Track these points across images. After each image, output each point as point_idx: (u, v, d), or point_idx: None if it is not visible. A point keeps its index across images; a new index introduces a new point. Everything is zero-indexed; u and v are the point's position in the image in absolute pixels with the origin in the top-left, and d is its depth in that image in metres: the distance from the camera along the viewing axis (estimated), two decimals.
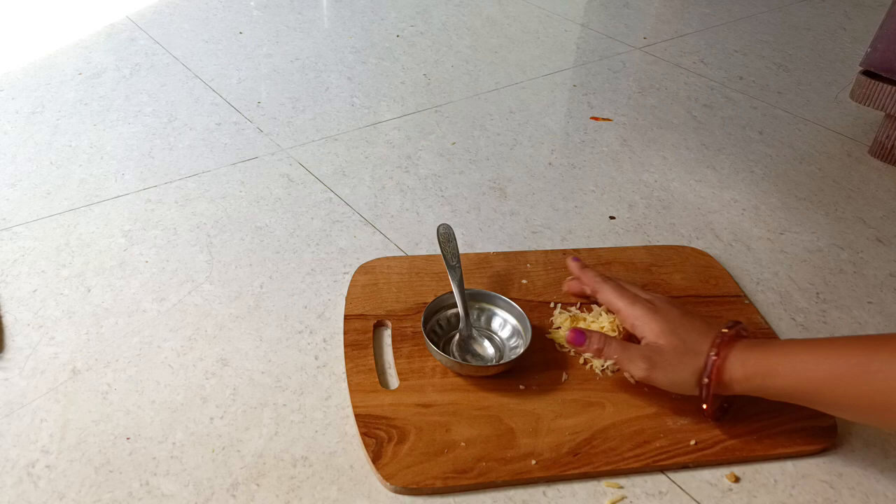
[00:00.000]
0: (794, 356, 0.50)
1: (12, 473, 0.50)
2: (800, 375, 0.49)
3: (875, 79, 0.92)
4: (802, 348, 0.50)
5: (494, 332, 0.63)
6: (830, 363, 0.48)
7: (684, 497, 0.52)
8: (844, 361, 0.48)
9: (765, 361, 0.51)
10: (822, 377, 0.49)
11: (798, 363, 0.49)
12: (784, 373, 0.50)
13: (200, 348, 0.61)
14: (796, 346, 0.51)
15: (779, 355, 0.50)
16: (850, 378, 0.47)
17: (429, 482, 0.50)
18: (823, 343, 0.51)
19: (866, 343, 0.48)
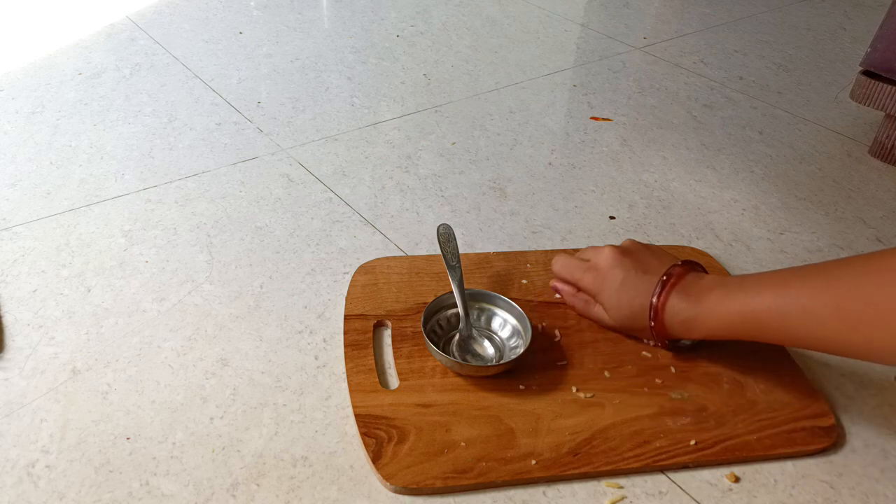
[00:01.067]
0: (740, 299, 0.53)
1: (12, 473, 0.50)
2: (752, 317, 0.53)
3: (875, 79, 0.92)
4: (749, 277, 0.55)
5: (494, 332, 0.63)
6: (781, 298, 0.51)
7: (684, 497, 0.52)
8: (796, 298, 0.50)
9: (705, 306, 0.55)
10: (774, 314, 0.51)
11: (746, 307, 0.53)
12: (727, 317, 0.54)
13: (200, 348, 0.61)
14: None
15: (718, 301, 0.55)
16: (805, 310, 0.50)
17: (429, 482, 0.50)
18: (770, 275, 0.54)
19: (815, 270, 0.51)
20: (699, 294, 0.55)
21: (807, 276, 0.51)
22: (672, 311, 0.56)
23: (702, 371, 0.60)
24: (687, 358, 0.62)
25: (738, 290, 0.53)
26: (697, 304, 0.55)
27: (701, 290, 0.55)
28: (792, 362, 0.62)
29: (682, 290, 0.56)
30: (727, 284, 0.55)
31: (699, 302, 0.55)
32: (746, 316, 0.52)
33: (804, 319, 0.49)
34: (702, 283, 0.56)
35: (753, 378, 0.60)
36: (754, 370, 0.61)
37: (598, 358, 0.61)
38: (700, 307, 0.55)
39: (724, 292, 0.54)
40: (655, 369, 0.60)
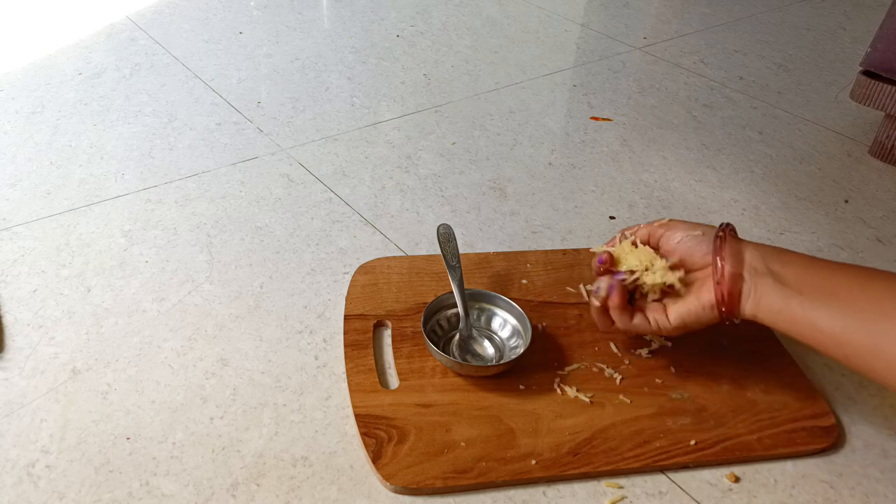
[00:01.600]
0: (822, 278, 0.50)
1: (12, 473, 0.50)
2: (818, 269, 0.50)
3: (875, 79, 0.92)
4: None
5: (494, 332, 0.63)
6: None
7: (684, 497, 0.52)
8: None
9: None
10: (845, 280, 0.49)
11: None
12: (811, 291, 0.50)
13: (200, 348, 0.61)
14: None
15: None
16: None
17: (429, 482, 0.50)
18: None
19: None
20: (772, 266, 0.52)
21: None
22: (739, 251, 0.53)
23: (702, 371, 0.60)
24: (687, 358, 0.62)
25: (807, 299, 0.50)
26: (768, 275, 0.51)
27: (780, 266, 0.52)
28: (792, 362, 0.62)
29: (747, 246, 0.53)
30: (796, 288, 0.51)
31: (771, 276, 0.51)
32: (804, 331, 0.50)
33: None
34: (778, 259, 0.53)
35: (753, 378, 0.60)
36: (754, 370, 0.61)
37: (597, 358, 0.61)
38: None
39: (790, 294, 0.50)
40: (655, 369, 0.60)
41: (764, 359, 0.62)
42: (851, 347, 0.47)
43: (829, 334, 0.48)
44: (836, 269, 0.51)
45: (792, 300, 0.49)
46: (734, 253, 0.52)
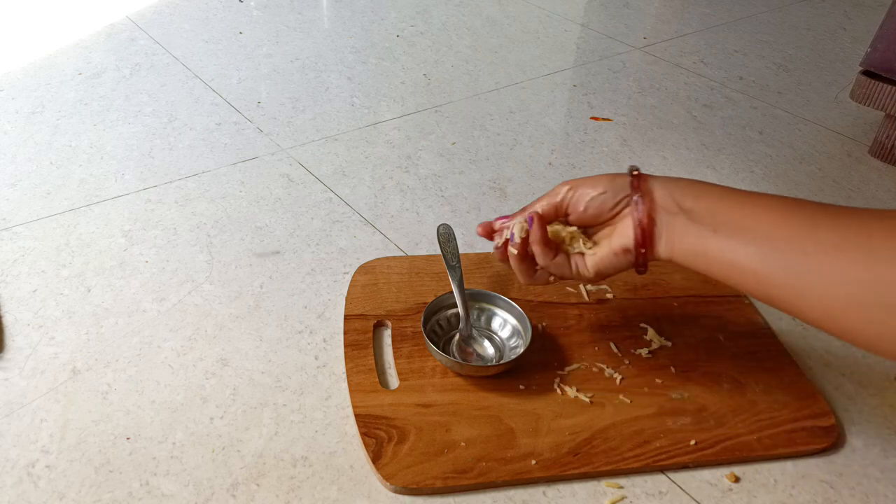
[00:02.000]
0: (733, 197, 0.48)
1: (12, 473, 0.50)
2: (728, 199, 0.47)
3: (875, 79, 0.92)
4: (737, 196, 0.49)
5: (494, 332, 0.63)
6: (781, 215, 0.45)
7: (684, 497, 0.52)
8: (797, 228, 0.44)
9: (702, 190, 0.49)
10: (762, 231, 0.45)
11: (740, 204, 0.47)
12: (724, 202, 0.47)
13: (200, 348, 0.61)
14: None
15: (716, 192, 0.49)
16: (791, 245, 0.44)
17: (429, 482, 0.50)
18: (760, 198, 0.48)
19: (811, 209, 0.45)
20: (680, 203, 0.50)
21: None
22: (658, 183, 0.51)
23: (702, 371, 0.60)
24: (687, 358, 0.62)
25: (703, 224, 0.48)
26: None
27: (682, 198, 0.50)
28: (792, 362, 0.62)
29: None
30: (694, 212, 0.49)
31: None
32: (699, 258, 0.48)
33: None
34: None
35: (753, 378, 0.60)
36: (754, 370, 0.61)
37: (598, 358, 0.61)
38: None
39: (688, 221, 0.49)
40: (655, 369, 0.60)
41: (764, 359, 0.62)
42: (773, 287, 0.44)
43: (748, 273, 0.45)
44: (753, 201, 0.47)
45: (708, 239, 0.47)
46: (646, 192, 0.50)
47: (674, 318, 0.66)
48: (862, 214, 0.43)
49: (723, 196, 0.48)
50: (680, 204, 0.49)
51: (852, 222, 0.42)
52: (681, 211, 0.49)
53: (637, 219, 0.50)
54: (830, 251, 0.42)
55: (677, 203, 0.49)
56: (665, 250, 0.50)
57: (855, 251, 0.41)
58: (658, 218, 0.49)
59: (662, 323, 0.65)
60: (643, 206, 0.50)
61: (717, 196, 0.48)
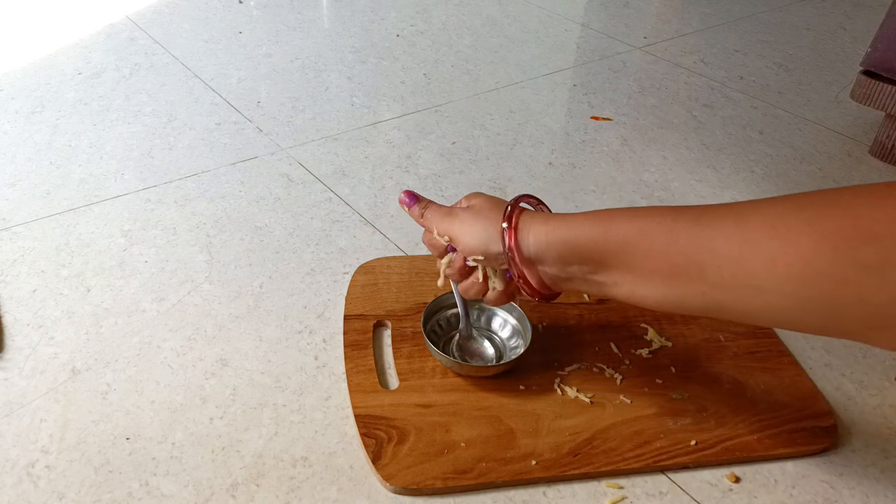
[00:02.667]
0: (597, 215, 0.48)
1: (12, 473, 0.50)
2: (603, 226, 0.46)
3: (875, 79, 0.91)
4: (604, 212, 0.48)
5: (494, 332, 0.63)
6: (637, 219, 0.45)
7: (685, 497, 0.52)
8: (651, 219, 0.45)
9: (563, 218, 0.49)
10: (626, 231, 0.45)
11: (601, 217, 0.47)
12: (586, 224, 0.47)
13: (200, 348, 0.61)
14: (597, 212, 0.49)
15: (577, 215, 0.49)
16: (656, 234, 0.43)
17: (429, 483, 0.50)
18: (626, 209, 0.48)
19: (674, 208, 0.45)
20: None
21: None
22: (531, 220, 0.50)
23: (702, 371, 0.60)
24: (687, 358, 0.61)
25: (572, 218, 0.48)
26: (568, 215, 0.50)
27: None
28: (792, 362, 0.62)
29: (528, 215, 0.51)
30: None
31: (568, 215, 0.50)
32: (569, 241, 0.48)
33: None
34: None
35: (754, 378, 0.60)
36: (754, 370, 0.61)
37: (598, 358, 0.61)
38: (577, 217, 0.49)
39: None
40: (656, 369, 0.60)
41: (764, 359, 0.62)
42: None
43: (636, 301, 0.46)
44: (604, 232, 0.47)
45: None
46: (515, 250, 0.49)
47: (674, 319, 0.66)
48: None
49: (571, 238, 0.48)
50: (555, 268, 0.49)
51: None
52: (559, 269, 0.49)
53: (516, 275, 0.50)
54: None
55: (553, 262, 0.49)
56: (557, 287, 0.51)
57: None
58: (535, 272, 0.50)
59: (663, 323, 0.65)
60: (515, 268, 0.50)
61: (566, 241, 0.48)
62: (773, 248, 0.38)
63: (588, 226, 0.47)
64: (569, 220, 0.48)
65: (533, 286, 0.50)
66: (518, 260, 0.49)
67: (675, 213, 0.44)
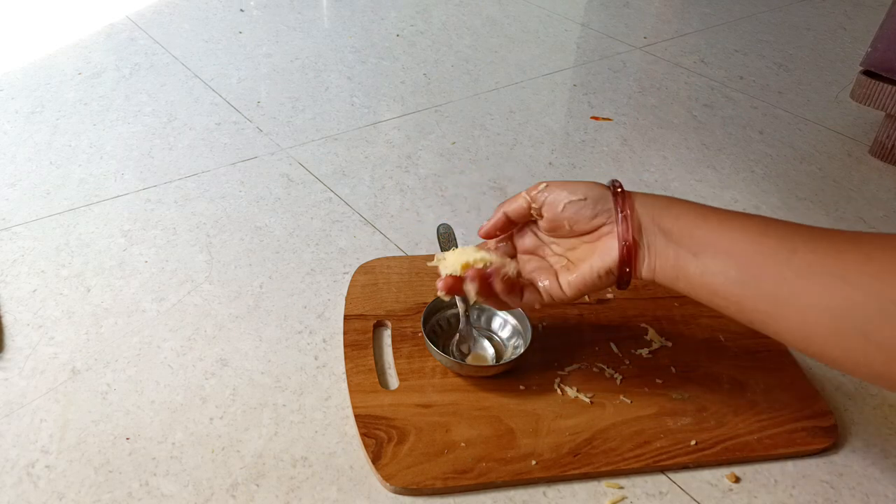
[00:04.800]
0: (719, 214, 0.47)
1: (12, 473, 0.50)
2: (700, 214, 0.46)
3: (875, 79, 0.91)
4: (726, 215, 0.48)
5: (494, 332, 0.63)
6: (760, 237, 0.44)
7: (685, 497, 0.52)
8: (744, 215, 0.45)
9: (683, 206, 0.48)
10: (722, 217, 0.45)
11: (726, 218, 0.46)
12: (681, 204, 0.47)
13: (200, 348, 0.61)
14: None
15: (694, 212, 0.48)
16: (748, 221, 0.44)
17: (429, 482, 0.50)
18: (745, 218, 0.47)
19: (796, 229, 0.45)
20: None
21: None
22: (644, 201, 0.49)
23: (702, 371, 0.60)
24: (687, 358, 0.61)
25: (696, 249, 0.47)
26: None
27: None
28: (793, 362, 0.62)
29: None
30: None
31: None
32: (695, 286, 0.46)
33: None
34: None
35: (754, 378, 0.60)
36: (754, 370, 0.61)
37: (598, 358, 0.61)
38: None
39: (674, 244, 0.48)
40: (656, 369, 0.60)
41: (764, 359, 0.62)
42: (752, 312, 0.44)
43: (727, 298, 0.45)
44: (730, 222, 0.46)
45: (687, 263, 0.46)
46: (630, 210, 0.49)
47: (674, 319, 0.66)
48: (838, 238, 0.42)
49: (700, 216, 0.47)
50: (659, 224, 0.48)
51: (829, 247, 0.42)
52: (660, 231, 0.48)
53: (622, 238, 0.49)
54: (805, 276, 0.42)
55: (657, 223, 0.48)
56: (647, 271, 0.49)
57: (830, 277, 0.41)
58: (640, 239, 0.48)
59: (663, 323, 0.65)
60: (628, 226, 0.48)
61: (695, 216, 0.47)
62: (873, 249, 0.40)
63: (686, 206, 0.47)
64: (666, 198, 0.49)
65: (632, 249, 0.48)
66: (627, 212, 0.48)
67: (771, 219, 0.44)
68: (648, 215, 0.48)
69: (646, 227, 0.48)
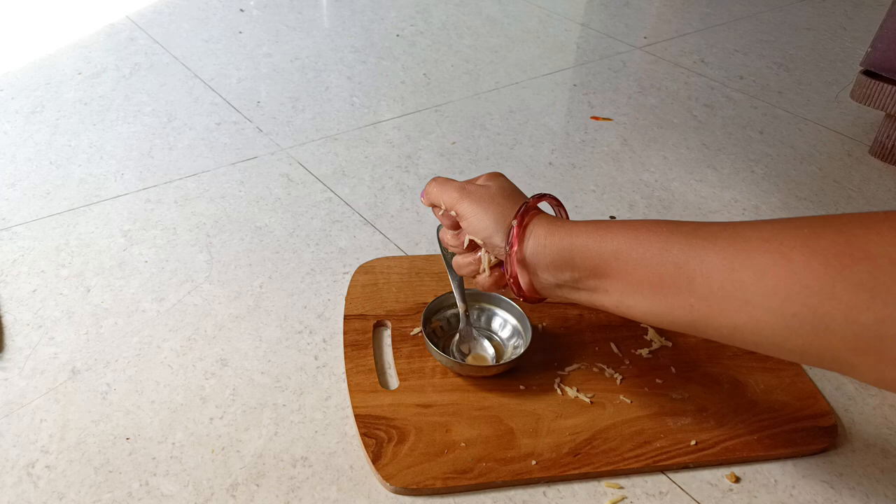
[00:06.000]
0: (597, 224, 0.48)
1: (12, 473, 0.50)
2: (600, 234, 0.46)
3: (875, 78, 0.91)
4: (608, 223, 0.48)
5: (494, 332, 0.63)
6: (633, 229, 0.45)
7: (685, 497, 0.52)
8: (647, 229, 0.44)
9: (565, 224, 0.49)
10: (622, 239, 0.45)
11: (600, 226, 0.47)
12: (585, 231, 0.47)
13: (200, 348, 0.61)
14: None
15: (579, 223, 0.49)
16: (650, 243, 0.43)
17: (429, 482, 0.50)
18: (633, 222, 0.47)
19: (673, 222, 0.45)
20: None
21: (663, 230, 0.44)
22: (541, 222, 0.50)
23: (702, 371, 0.60)
24: (687, 358, 0.61)
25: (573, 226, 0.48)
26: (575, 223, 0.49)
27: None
28: (792, 362, 0.62)
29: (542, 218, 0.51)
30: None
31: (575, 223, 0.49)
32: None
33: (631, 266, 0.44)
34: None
35: (754, 378, 0.60)
36: (754, 370, 0.61)
37: (598, 358, 0.61)
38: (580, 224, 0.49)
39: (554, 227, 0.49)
40: (656, 369, 0.60)
41: (764, 359, 0.62)
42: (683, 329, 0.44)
43: (652, 323, 0.46)
44: (630, 253, 0.45)
45: (602, 300, 0.48)
46: (520, 245, 0.49)
47: None
48: (728, 250, 0.41)
49: (597, 256, 0.47)
50: (558, 275, 0.49)
51: (723, 265, 0.41)
52: (559, 279, 0.49)
53: (512, 283, 0.50)
54: (710, 300, 0.41)
55: (556, 271, 0.48)
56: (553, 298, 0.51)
57: (732, 301, 0.40)
58: (535, 280, 0.50)
59: None
60: (510, 267, 0.50)
61: (595, 256, 0.47)
62: (764, 261, 0.38)
63: (585, 232, 0.47)
64: (570, 226, 0.48)
65: (522, 288, 0.50)
66: (515, 260, 0.49)
67: (672, 226, 0.44)
68: (545, 262, 0.48)
69: (542, 271, 0.49)
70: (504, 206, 0.51)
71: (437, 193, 0.54)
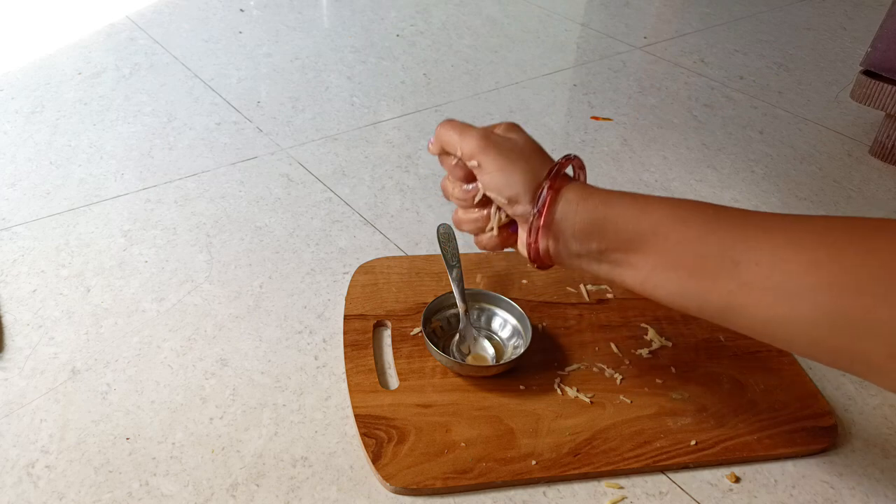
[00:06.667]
0: (635, 196, 0.45)
1: (12, 473, 0.50)
2: (639, 207, 0.43)
3: (875, 78, 0.91)
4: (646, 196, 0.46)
5: (494, 332, 0.63)
6: (677, 207, 0.43)
7: (685, 497, 0.52)
8: (692, 208, 0.42)
9: (600, 193, 0.45)
10: (663, 215, 0.42)
11: (638, 199, 0.44)
12: (622, 202, 0.44)
13: (200, 348, 0.61)
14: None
15: (617, 193, 0.45)
16: (694, 222, 0.41)
17: (429, 482, 0.50)
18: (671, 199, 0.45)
19: (718, 206, 0.43)
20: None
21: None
22: (573, 188, 0.46)
23: (702, 371, 0.60)
24: (687, 358, 0.61)
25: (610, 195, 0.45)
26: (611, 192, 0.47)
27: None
28: (792, 362, 0.62)
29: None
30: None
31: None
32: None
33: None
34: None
35: (754, 378, 0.60)
36: (754, 370, 0.61)
37: (598, 358, 0.61)
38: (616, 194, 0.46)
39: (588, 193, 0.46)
40: (655, 369, 0.60)
41: (764, 359, 0.62)
42: (705, 316, 0.42)
43: (675, 306, 0.43)
44: (666, 227, 0.43)
45: (623, 276, 0.44)
46: (550, 208, 0.45)
47: (674, 318, 0.66)
48: (778, 238, 0.40)
49: (634, 224, 0.44)
50: (586, 242, 0.45)
51: (771, 255, 0.39)
52: (584, 249, 0.46)
53: (532, 254, 0.47)
54: (751, 290, 0.39)
55: (584, 241, 0.45)
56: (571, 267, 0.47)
57: (774, 292, 0.38)
58: (556, 246, 0.46)
59: (663, 323, 0.65)
60: (533, 232, 0.46)
61: (630, 222, 0.44)
62: (817, 255, 0.37)
63: (623, 203, 0.44)
64: (604, 194, 0.45)
65: (539, 253, 0.46)
66: (543, 223, 0.45)
67: (718, 208, 0.42)
68: (572, 229, 0.45)
69: (568, 238, 0.45)
70: (533, 163, 0.46)
71: (455, 139, 0.47)
